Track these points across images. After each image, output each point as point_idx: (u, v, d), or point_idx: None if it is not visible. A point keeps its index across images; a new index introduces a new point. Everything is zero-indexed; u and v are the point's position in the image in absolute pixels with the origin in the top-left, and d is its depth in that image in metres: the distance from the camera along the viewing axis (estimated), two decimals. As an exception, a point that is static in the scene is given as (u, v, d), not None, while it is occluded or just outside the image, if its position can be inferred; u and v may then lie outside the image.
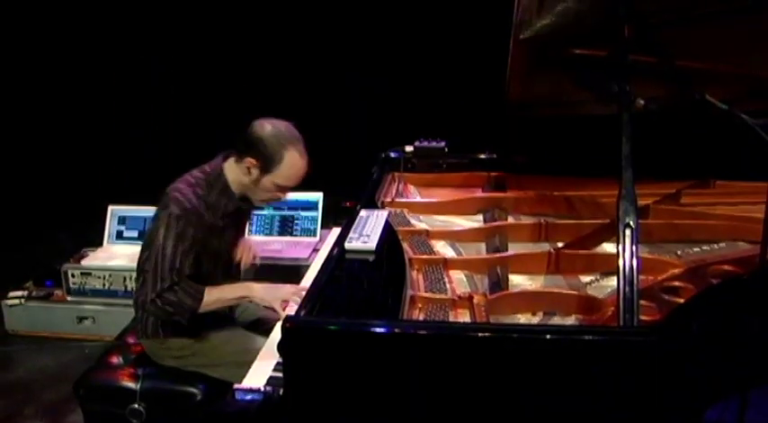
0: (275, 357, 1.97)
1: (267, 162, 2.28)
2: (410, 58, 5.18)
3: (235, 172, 2.37)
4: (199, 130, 5.34)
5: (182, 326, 2.39)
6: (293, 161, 2.29)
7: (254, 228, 3.90)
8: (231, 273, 2.58)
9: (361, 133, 4.79)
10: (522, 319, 2.02)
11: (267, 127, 2.30)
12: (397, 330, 1.66)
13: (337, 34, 5.30)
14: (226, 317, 2.56)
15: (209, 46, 5.51)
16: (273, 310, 2.35)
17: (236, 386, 1.86)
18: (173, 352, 2.44)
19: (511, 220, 2.69)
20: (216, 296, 2.36)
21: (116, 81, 5.60)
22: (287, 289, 2.41)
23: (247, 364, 2.07)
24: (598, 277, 2.20)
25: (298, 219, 3.89)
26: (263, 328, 2.49)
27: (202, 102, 5.68)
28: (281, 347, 1.65)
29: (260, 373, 1.98)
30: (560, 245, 2.40)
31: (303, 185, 2.40)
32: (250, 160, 2.29)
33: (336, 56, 5.37)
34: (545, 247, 2.42)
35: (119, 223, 4.00)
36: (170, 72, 5.67)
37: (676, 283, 2.05)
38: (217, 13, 5.48)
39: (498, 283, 2.15)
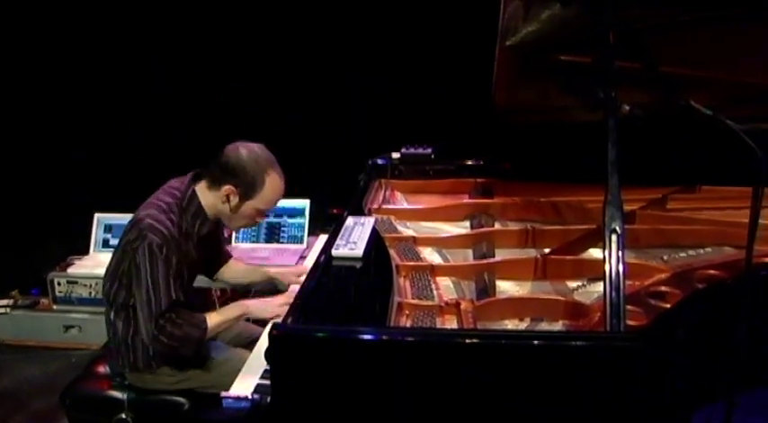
0: (262, 365, 1.96)
1: (248, 188, 2.22)
2: (405, 62, 5.18)
3: (209, 198, 2.28)
4: (194, 134, 5.29)
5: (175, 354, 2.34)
6: (275, 184, 2.25)
7: (240, 235, 3.88)
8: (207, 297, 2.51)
9: (360, 136, 4.77)
10: (510, 325, 2.02)
11: (243, 152, 2.21)
12: (384, 337, 1.65)
13: (337, 34, 5.27)
14: (216, 337, 2.50)
15: (208, 46, 5.46)
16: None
17: (223, 394, 1.85)
18: (165, 379, 2.37)
19: (498, 226, 2.69)
20: (217, 320, 2.32)
21: (108, 89, 5.56)
22: (279, 300, 2.40)
23: None
24: (585, 283, 2.21)
25: (284, 226, 3.87)
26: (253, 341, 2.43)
27: (200, 103, 5.62)
28: (268, 355, 1.64)
29: (247, 381, 1.97)
30: (547, 251, 2.40)
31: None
32: (229, 188, 2.22)
33: (336, 56, 5.34)
34: (532, 253, 2.42)
35: (105, 231, 3.97)
36: (168, 74, 5.62)
37: (663, 288, 2.05)
38: (216, 13, 5.44)
39: (485, 290, 2.14)
